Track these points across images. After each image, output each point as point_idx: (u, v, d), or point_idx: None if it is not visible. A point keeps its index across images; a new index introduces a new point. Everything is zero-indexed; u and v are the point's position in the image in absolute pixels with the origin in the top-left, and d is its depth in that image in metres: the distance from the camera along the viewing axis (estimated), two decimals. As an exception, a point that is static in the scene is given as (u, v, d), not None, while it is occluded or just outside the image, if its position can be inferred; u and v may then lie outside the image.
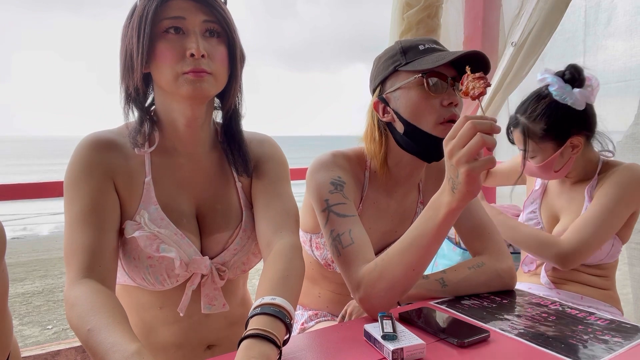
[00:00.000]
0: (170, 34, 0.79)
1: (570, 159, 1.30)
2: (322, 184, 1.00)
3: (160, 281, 0.84)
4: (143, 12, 0.78)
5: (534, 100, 1.30)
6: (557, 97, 1.25)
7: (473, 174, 0.72)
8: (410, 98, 0.96)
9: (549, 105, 1.26)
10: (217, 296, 0.88)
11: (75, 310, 0.68)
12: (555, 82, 1.26)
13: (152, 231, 0.81)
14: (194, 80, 0.78)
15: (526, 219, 1.45)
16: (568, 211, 1.36)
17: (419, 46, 0.98)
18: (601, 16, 2.05)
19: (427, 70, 0.94)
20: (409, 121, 0.97)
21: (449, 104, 0.94)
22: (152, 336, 0.90)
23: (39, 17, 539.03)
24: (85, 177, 0.80)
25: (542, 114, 1.27)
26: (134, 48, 0.79)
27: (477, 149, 0.71)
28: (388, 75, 1.00)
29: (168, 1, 0.78)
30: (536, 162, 1.32)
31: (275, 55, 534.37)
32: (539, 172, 1.34)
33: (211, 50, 0.80)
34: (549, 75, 1.28)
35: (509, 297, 0.97)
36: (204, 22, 0.80)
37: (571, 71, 1.27)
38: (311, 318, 1.19)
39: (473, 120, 0.72)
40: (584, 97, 1.24)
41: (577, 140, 1.27)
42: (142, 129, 0.85)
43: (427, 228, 0.81)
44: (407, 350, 0.68)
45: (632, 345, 0.74)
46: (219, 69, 0.81)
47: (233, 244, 0.89)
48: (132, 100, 0.85)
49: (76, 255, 0.75)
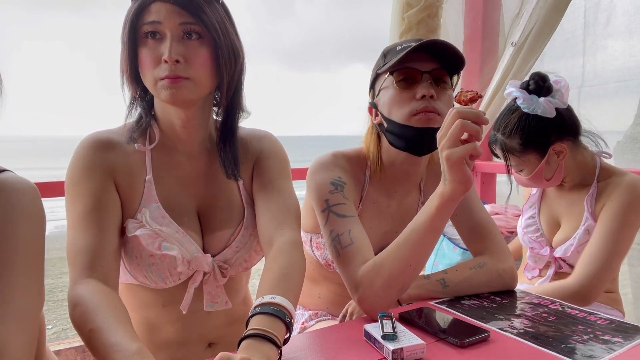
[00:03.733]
0: (148, 39, 0.79)
1: (560, 165, 1.28)
2: (322, 184, 1.00)
3: (163, 279, 0.84)
4: (127, 18, 0.79)
5: (506, 115, 1.28)
6: (525, 110, 1.23)
7: (452, 159, 0.74)
8: (387, 97, 0.99)
9: (520, 118, 1.25)
10: (220, 294, 0.89)
11: (78, 309, 0.69)
12: (520, 95, 1.24)
13: (154, 229, 0.82)
14: (170, 86, 0.77)
15: (525, 224, 1.43)
16: (568, 216, 1.34)
17: (397, 47, 1.00)
18: (600, 16, 2.06)
19: (392, 68, 0.97)
20: (389, 118, 0.99)
21: (422, 97, 0.95)
22: (155, 334, 0.90)
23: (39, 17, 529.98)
24: (86, 176, 0.80)
25: (515, 128, 1.25)
26: (122, 51, 0.81)
27: (456, 134, 0.74)
28: (373, 80, 1.06)
29: (148, 5, 0.78)
30: (525, 174, 1.31)
31: (274, 56, 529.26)
32: (532, 183, 1.33)
33: (189, 54, 0.78)
34: (514, 89, 1.27)
35: (509, 297, 0.97)
36: (181, 24, 0.78)
37: (535, 80, 1.25)
38: (311, 317, 1.19)
39: (458, 109, 0.75)
40: (551, 104, 1.22)
41: (559, 147, 1.25)
42: (139, 125, 0.85)
43: (421, 221, 0.83)
44: (407, 350, 0.68)
45: (632, 345, 0.74)
46: (199, 73, 0.79)
47: (235, 241, 0.89)
48: (135, 100, 0.86)
49: (79, 255, 0.75)
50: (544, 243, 1.38)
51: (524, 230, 1.43)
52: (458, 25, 2.08)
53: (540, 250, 1.38)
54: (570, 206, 1.34)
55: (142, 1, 0.78)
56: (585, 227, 1.28)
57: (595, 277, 1.18)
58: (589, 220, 1.27)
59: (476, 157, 0.76)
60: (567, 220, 1.34)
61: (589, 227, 1.27)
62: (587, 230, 1.27)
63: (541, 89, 1.24)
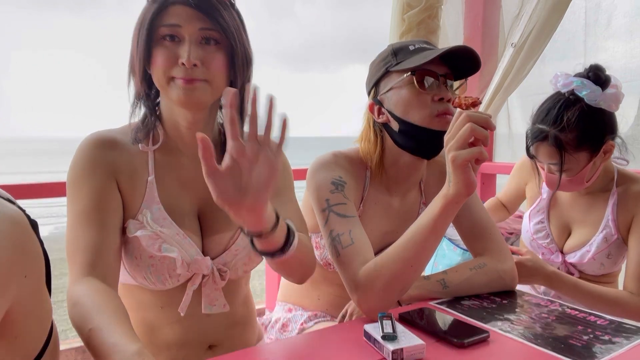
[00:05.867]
0: (166, 41, 0.79)
1: (601, 166, 1.22)
2: (322, 184, 1.00)
3: (162, 281, 0.84)
4: (143, 18, 0.79)
5: (561, 108, 1.17)
6: (590, 102, 1.14)
7: (458, 161, 0.76)
8: (402, 96, 0.98)
9: (582, 110, 1.15)
10: (218, 296, 0.88)
11: (77, 309, 0.68)
12: (586, 85, 1.15)
13: (155, 231, 0.82)
14: (184, 87, 0.78)
15: (534, 230, 1.38)
16: (582, 222, 1.30)
17: (409, 47, 1.00)
18: (601, 17, 2.06)
19: (415, 68, 0.96)
20: (403, 118, 0.98)
21: (439, 99, 0.96)
22: (154, 336, 0.90)
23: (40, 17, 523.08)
24: (88, 175, 0.80)
25: (575, 122, 1.14)
26: (134, 52, 0.81)
27: (465, 137, 0.75)
28: (381, 77, 1.03)
29: (167, 7, 0.79)
30: (570, 174, 1.20)
31: (274, 56, 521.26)
32: (570, 185, 1.24)
33: (207, 58, 0.79)
34: (575, 79, 1.17)
35: (509, 297, 0.97)
36: (201, 29, 0.79)
37: (595, 72, 1.17)
38: (310, 318, 1.19)
39: (468, 112, 0.76)
40: (616, 98, 1.16)
41: (610, 146, 1.18)
42: (145, 125, 0.86)
43: (424, 222, 0.83)
44: (407, 350, 0.68)
45: (632, 346, 0.74)
46: (215, 77, 0.80)
47: (234, 244, 0.89)
48: (140, 99, 0.86)
49: (79, 254, 0.75)
50: (555, 249, 1.34)
51: (533, 236, 1.38)
52: (458, 26, 2.09)
53: (550, 256, 1.34)
54: (585, 212, 1.30)
55: (162, 2, 0.78)
56: (603, 234, 1.24)
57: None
58: (609, 228, 1.24)
59: (482, 162, 0.77)
60: (582, 226, 1.30)
61: (608, 235, 1.24)
62: (605, 237, 1.24)
63: (601, 81, 1.16)
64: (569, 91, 1.18)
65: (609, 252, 1.25)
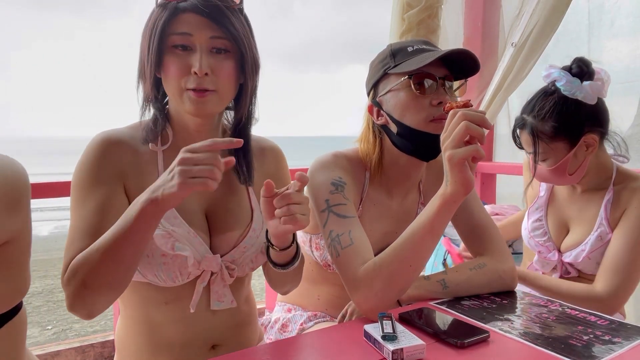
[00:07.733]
0: (177, 49, 0.80)
1: (585, 160, 1.21)
2: (322, 184, 1.00)
3: (172, 278, 0.85)
4: (154, 25, 0.80)
5: (541, 98, 1.20)
6: (566, 92, 1.16)
7: (454, 160, 0.76)
8: (400, 99, 0.98)
9: (558, 101, 1.17)
10: (226, 293, 0.91)
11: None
12: (563, 76, 1.17)
13: (167, 229, 0.83)
14: (196, 99, 0.80)
15: (532, 227, 1.38)
16: (578, 221, 1.30)
17: (407, 48, 1.00)
18: (605, 17, 2.06)
19: (413, 72, 0.95)
20: (401, 122, 0.98)
21: (438, 103, 0.95)
22: (157, 334, 0.90)
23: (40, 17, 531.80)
24: (94, 181, 0.81)
25: (551, 111, 1.17)
26: (145, 57, 0.82)
27: (461, 135, 0.75)
28: (379, 78, 1.03)
29: (178, 14, 0.79)
30: (548, 165, 1.22)
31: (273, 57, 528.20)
32: (552, 177, 1.25)
33: (217, 67, 0.81)
34: (555, 70, 1.20)
35: (509, 297, 0.97)
36: (212, 38, 0.80)
37: (578, 64, 1.19)
38: (310, 319, 1.19)
39: (463, 111, 0.76)
40: (595, 90, 1.16)
41: (591, 139, 1.18)
42: (155, 127, 0.87)
43: (422, 222, 0.84)
44: (407, 350, 0.68)
45: (632, 346, 0.74)
46: (224, 86, 0.83)
47: (243, 242, 0.91)
48: (149, 100, 0.87)
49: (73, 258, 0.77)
50: (552, 247, 1.34)
51: (530, 234, 1.38)
52: (458, 26, 2.08)
53: (547, 254, 1.34)
54: (581, 210, 1.29)
55: (173, 10, 0.79)
56: (598, 233, 1.23)
57: (622, 288, 1.15)
58: (603, 227, 1.23)
59: (478, 160, 0.77)
60: (578, 224, 1.30)
61: (602, 234, 1.23)
62: (600, 236, 1.23)
63: (584, 74, 1.17)
64: (551, 82, 1.22)
65: (604, 250, 1.23)
